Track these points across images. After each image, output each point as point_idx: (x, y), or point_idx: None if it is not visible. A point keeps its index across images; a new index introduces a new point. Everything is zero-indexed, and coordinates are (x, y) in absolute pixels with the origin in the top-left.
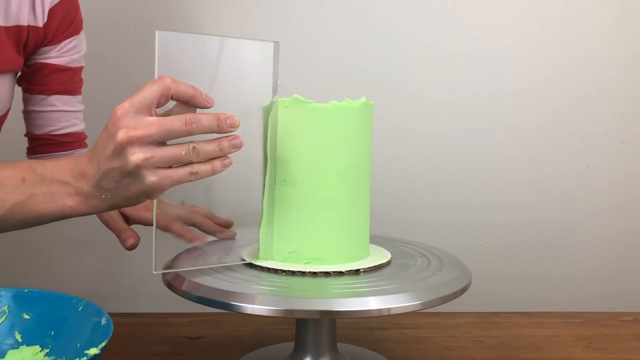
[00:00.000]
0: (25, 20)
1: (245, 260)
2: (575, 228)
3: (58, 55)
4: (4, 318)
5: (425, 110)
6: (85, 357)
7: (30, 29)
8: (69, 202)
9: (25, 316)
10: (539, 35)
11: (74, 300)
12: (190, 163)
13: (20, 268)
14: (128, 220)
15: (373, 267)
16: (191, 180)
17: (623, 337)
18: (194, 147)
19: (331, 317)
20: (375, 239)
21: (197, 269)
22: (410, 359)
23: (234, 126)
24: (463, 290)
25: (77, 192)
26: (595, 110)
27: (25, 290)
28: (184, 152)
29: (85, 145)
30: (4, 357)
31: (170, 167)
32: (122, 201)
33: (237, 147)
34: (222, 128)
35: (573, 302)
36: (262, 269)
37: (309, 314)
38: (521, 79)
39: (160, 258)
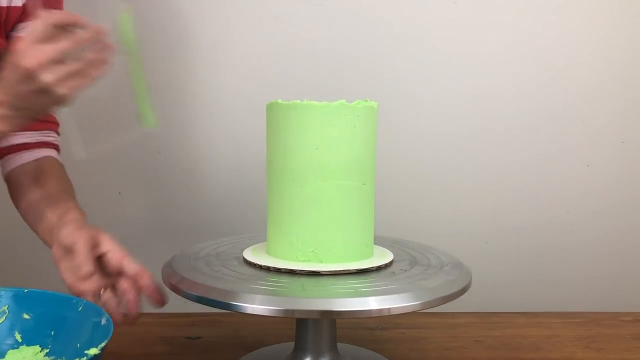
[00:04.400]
0: (5, 1)
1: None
2: (575, 228)
3: None
4: (4, 318)
5: (425, 110)
6: (85, 357)
7: (10, 9)
8: None
9: (25, 316)
10: (539, 35)
11: (74, 300)
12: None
13: (20, 268)
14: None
15: (374, 267)
16: (89, 84)
17: (623, 337)
18: (87, 61)
19: (331, 317)
20: (376, 240)
21: None
22: (410, 359)
23: (103, 32)
24: (463, 290)
25: None
26: (595, 110)
27: (25, 290)
28: (81, 64)
29: (56, 127)
30: (4, 357)
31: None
32: (37, 113)
33: (108, 48)
34: (98, 35)
35: (573, 302)
36: (262, 268)
37: (309, 313)
38: (521, 79)
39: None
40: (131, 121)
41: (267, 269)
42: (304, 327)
